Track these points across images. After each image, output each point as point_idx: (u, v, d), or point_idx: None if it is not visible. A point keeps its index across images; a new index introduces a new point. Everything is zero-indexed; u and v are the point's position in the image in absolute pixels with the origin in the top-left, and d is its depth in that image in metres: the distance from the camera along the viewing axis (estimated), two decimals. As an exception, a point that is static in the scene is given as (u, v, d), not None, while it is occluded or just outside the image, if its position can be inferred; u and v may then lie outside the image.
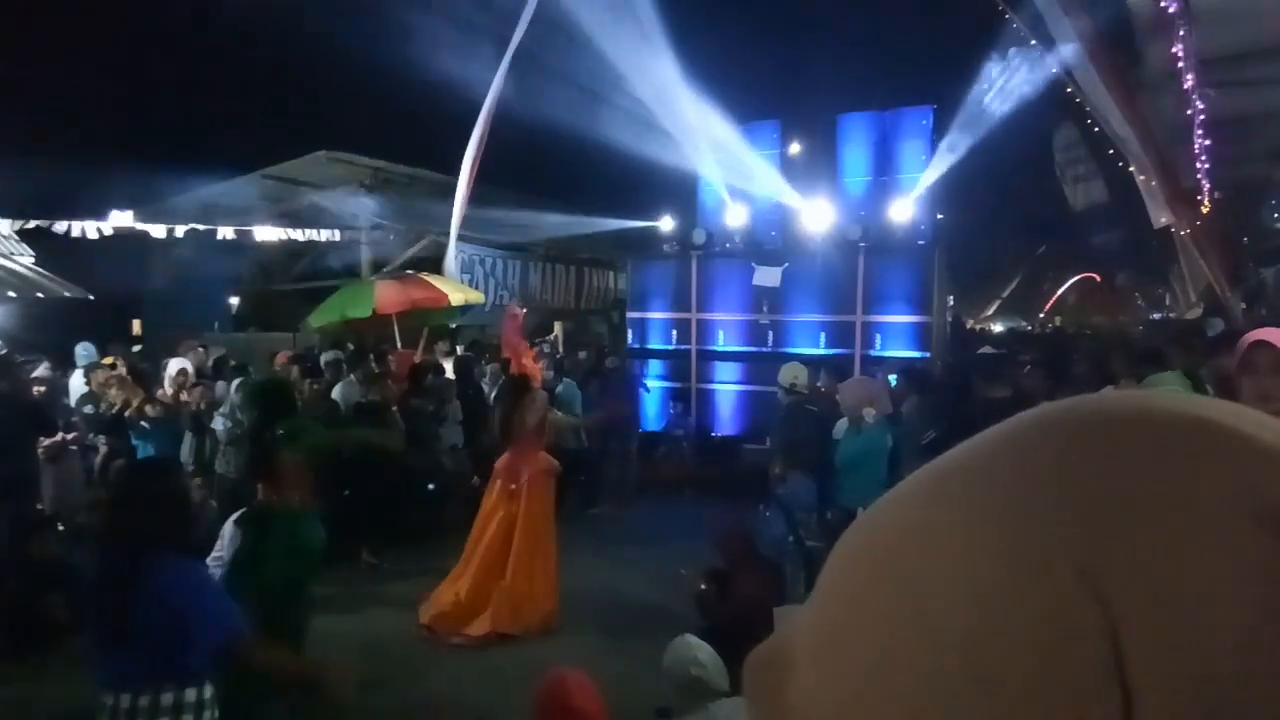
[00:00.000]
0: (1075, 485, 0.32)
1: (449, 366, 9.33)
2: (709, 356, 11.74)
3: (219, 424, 7.03)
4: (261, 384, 5.77)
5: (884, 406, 7.34)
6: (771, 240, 12.04)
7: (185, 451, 7.18)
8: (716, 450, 10.95)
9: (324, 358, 8.71)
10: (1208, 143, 7.26)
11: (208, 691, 2.81)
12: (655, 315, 12.12)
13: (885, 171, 11.89)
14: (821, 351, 10.92)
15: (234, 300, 17.14)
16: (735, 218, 11.96)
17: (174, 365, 7.77)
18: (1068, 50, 7.81)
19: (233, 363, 8.69)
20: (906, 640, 0.33)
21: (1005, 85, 12.19)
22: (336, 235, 13.44)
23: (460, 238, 12.63)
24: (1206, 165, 7.86)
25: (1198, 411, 0.34)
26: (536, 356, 8.21)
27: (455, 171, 12.40)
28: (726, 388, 11.59)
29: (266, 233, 12.91)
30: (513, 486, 6.13)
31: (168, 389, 7.55)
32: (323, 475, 4.88)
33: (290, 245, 13.86)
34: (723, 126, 12.22)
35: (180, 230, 12.30)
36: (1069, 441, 0.34)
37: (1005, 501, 0.33)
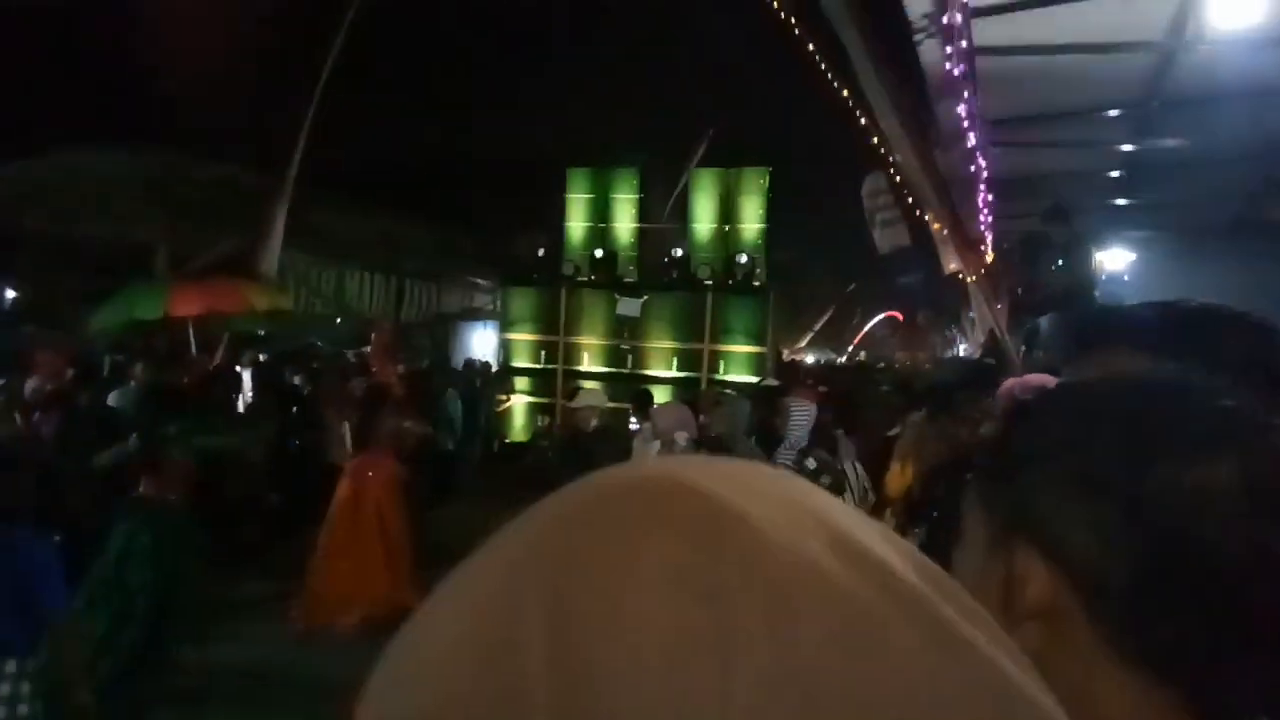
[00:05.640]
0: (545, 557, 0.31)
1: (247, 376, 8.81)
2: (574, 376, 13.21)
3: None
4: (154, 384, 6.15)
5: (694, 432, 7.51)
6: (630, 274, 13.76)
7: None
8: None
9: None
10: (989, 198, 7.91)
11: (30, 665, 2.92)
12: (526, 337, 13.77)
13: (729, 220, 13.97)
14: (674, 374, 12.74)
15: (9, 294, 15.50)
16: (598, 253, 13.81)
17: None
18: (876, 104, 8.30)
19: None
20: None
21: (829, 146, 13.55)
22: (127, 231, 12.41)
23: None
24: (989, 219, 8.57)
25: (693, 479, 0.32)
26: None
27: (272, 169, 11.82)
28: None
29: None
30: (358, 485, 6.66)
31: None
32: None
33: (74, 238, 12.70)
34: (587, 168, 13.57)
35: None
36: (552, 515, 0.33)
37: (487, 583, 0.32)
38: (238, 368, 9.13)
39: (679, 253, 13.58)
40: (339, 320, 14.61)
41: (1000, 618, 0.67)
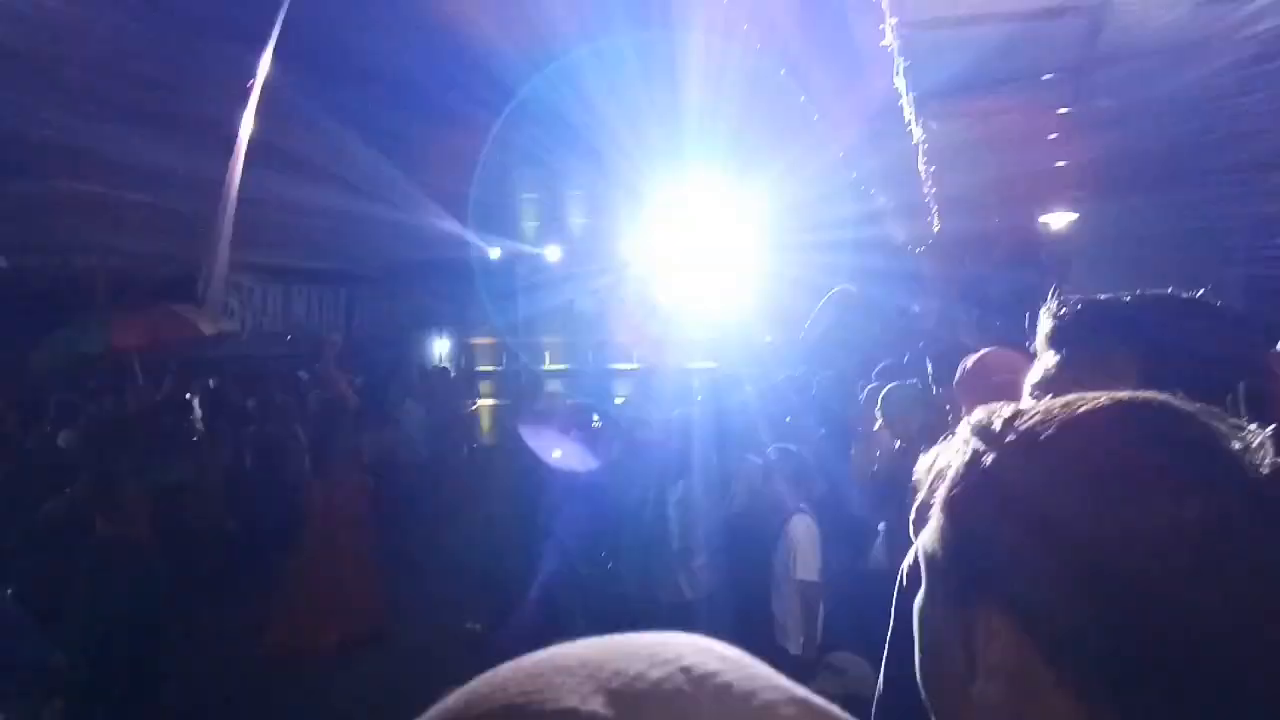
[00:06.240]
0: None
1: (197, 403, 8.64)
2: (538, 374, 12.92)
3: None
4: (103, 419, 6.11)
5: (658, 426, 7.48)
6: (586, 269, 13.85)
7: None
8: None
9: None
10: (932, 169, 7.98)
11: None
12: (486, 340, 14.14)
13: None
14: (634, 366, 12.54)
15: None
16: (553, 250, 13.02)
17: None
18: (820, 86, 8.32)
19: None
20: None
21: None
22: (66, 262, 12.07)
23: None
24: (933, 189, 8.65)
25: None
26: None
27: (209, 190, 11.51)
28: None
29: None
30: (326, 504, 6.57)
31: None
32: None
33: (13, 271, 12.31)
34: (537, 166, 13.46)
35: None
36: None
37: None
38: (187, 395, 8.93)
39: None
40: (289, 338, 14.37)
41: (964, 672, 0.65)
